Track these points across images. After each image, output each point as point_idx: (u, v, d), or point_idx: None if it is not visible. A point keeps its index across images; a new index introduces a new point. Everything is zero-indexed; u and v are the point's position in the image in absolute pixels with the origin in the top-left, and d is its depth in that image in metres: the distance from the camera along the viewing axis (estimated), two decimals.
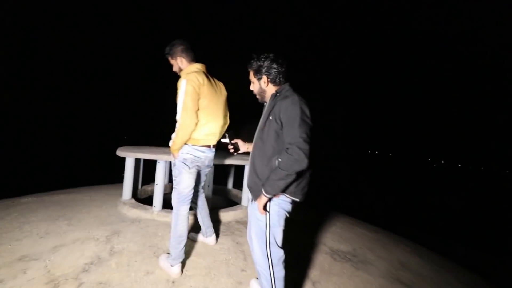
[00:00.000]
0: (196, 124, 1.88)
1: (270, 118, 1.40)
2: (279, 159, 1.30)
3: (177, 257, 1.92)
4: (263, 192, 1.34)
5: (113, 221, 2.66)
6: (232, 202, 3.84)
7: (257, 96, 1.58)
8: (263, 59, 1.48)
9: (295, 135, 1.28)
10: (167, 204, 2.90)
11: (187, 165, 1.95)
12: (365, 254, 2.73)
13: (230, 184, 4.13)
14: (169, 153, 2.91)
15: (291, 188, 1.38)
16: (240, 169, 3.63)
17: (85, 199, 3.30)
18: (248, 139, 1.78)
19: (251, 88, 1.59)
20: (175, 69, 2.06)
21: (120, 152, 2.92)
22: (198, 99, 1.86)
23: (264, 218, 1.41)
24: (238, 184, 4.05)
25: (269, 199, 1.39)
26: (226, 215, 3.02)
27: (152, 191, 3.80)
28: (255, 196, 1.43)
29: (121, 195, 3.43)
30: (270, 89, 1.51)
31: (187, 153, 1.93)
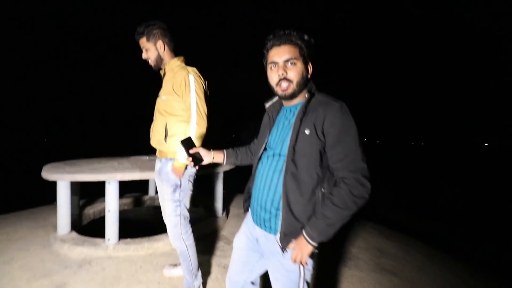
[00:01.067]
0: None
1: (307, 132, 1.00)
2: (333, 195, 0.96)
3: (199, 277, 1.80)
4: (308, 239, 0.96)
5: (52, 269, 1.99)
6: (203, 212, 3.39)
7: None
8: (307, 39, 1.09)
9: (356, 158, 0.96)
10: (122, 231, 2.32)
11: (191, 182, 1.71)
12: (349, 248, 2.70)
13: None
14: (119, 168, 2.30)
15: None
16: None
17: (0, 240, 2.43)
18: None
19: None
20: (148, 55, 1.66)
21: (48, 174, 2.17)
22: None
23: (297, 269, 1.04)
24: (205, 191, 3.59)
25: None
26: (203, 229, 2.59)
27: (98, 213, 3.08)
28: (287, 241, 1.03)
29: (53, 226, 2.65)
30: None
31: (191, 168, 1.65)
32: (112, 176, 2.11)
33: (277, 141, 1.09)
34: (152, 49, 1.65)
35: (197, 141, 1.57)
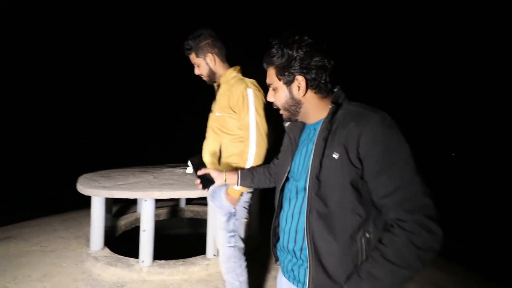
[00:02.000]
0: None
1: (335, 156, 0.75)
2: (385, 244, 0.68)
3: None
4: None
5: None
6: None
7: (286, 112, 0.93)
8: (295, 47, 0.83)
9: (413, 192, 0.68)
10: (157, 252, 2.16)
11: (247, 209, 1.54)
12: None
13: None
14: (155, 185, 2.14)
15: None
16: None
17: (33, 251, 2.37)
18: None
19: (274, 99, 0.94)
20: (200, 71, 1.52)
21: (83, 189, 2.05)
22: None
23: None
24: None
25: None
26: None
27: (129, 224, 2.97)
28: None
29: (85, 237, 2.56)
30: (313, 100, 0.89)
31: (247, 193, 1.49)
32: (149, 194, 1.96)
33: (301, 170, 0.87)
34: (203, 64, 1.50)
35: (256, 163, 1.40)
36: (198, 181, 1.16)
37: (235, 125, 1.48)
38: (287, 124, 0.99)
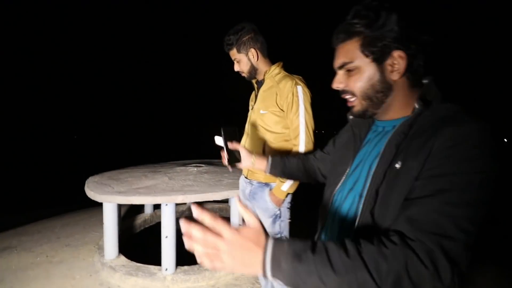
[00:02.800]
0: None
1: (397, 165, 0.58)
2: (363, 246, 0.48)
3: None
4: (268, 254, 0.49)
5: None
6: None
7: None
8: (393, 10, 0.62)
9: (457, 215, 0.48)
10: (180, 257, 2.03)
11: (289, 209, 1.45)
12: None
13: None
14: (175, 186, 1.98)
15: None
16: None
17: (39, 263, 2.18)
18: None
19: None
20: (241, 68, 1.41)
21: (96, 195, 1.87)
22: None
23: None
24: None
25: None
26: None
27: (139, 227, 2.81)
28: None
29: (94, 244, 2.39)
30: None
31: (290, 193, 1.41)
32: (172, 198, 1.80)
33: (363, 173, 0.69)
34: (244, 60, 1.38)
35: None
36: (226, 155, 1.01)
37: (281, 123, 1.38)
38: (352, 116, 0.77)
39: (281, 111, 1.35)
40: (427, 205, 0.50)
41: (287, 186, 1.32)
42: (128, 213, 3.06)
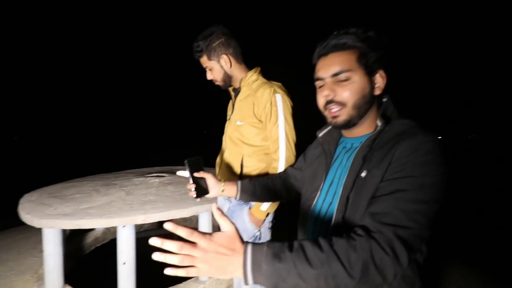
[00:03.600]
0: None
1: (362, 174, 0.67)
2: (334, 241, 0.55)
3: None
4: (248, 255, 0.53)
5: None
6: None
7: None
8: (378, 33, 0.76)
9: (410, 210, 0.58)
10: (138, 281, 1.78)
11: (271, 229, 1.34)
12: None
13: None
14: (134, 204, 1.73)
15: None
16: None
17: None
18: None
19: None
20: (214, 76, 1.26)
21: (34, 219, 1.52)
22: None
23: None
24: None
25: None
26: None
27: (89, 247, 2.46)
28: None
29: (33, 273, 2.01)
30: None
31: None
32: (131, 219, 1.55)
33: (335, 185, 0.77)
34: (217, 67, 1.24)
35: None
36: (193, 186, 0.93)
37: (260, 135, 1.26)
38: (321, 133, 0.86)
39: (259, 122, 1.22)
40: (387, 201, 0.59)
41: (267, 205, 1.20)
42: (76, 231, 2.67)
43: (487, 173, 8.13)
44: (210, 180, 0.97)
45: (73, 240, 2.44)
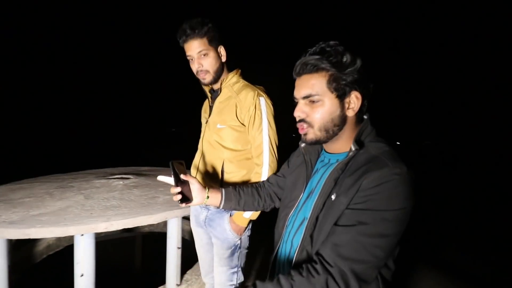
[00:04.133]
0: None
1: (332, 197, 0.70)
2: (294, 279, 0.64)
3: None
4: None
5: None
6: None
7: None
8: (354, 55, 0.74)
9: (368, 244, 0.62)
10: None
11: (249, 237, 1.31)
12: None
13: None
14: (94, 209, 1.58)
15: None
16: None
17: None
18: None
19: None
20: (207, 64, 1.14)
21: None
22: None
23: None
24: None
25: None
26: None
27: (40, 255, 2.22)
28: None
29: None
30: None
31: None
32: (92, 227, 1.40)
33: (310, 201, 0.79)
34: (214, 55, 1.14)
35: None
36: (178, 189, 0.89)
37: (242, 139, 1.21)
38: (303, 144, 0.87)
39: (241, 125, 1.18)
40: (348, 234, 0.63)
41: (250, 212, 1.16)
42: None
43: (438, 178, 8.91)
44: (194, 185, 0.94)
45: (21, 248, 2.18)
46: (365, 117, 0.79)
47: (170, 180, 0.92)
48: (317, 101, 0.73)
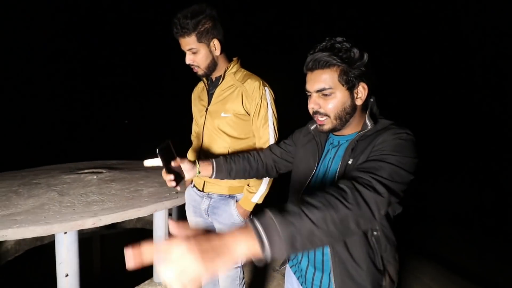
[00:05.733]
0: None
1: (350, 162, 0.80)
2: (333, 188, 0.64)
3: None
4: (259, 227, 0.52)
5: None
6: None
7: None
8: (361, 48, 0.82)
9: (389, 169, 0.69)
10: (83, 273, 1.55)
11: None
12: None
13: None
14: (77, 205, 1.47)
15: None
16: None
17: None
18: None
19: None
20: (198, 60, 1.12)
21: None
22: None
23: None
24: None
25: None
26: None
27: (9, 253, 1.99)
28: None
29: None
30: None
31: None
32: (78, 224, 1.31)
33: (327, 176, 0.87)
34: (204, 52, 1.11)
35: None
36: (172, 176, 0.87)
37: (246, 127, 1.22)
38: (313, 126, 0.95)
39: (246, 114, 1.19)
40: (369, 162, 0.71)
41: (258, 197, 1.20)
42: None
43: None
44: (185, 164, 0.94)
45: None
46: (371, 99, 0.87)
47: (158, 161, 0.89)
48: (330, 94, 0.80)
